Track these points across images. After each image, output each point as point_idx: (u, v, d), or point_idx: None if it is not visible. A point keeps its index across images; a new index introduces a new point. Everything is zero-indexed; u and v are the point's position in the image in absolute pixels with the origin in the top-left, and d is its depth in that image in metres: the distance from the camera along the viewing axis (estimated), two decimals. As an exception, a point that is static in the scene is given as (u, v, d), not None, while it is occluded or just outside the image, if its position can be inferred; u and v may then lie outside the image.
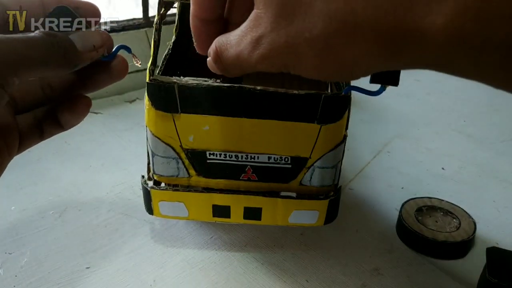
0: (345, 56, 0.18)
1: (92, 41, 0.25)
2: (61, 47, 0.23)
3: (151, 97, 0.33)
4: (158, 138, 0.35)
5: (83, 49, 0.24)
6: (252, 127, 0.34)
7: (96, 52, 0.25)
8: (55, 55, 0.23)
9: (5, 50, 0.20)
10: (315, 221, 0.38)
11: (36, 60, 0.22)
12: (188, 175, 0.37)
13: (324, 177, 0.36)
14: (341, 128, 0.35)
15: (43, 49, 0.22)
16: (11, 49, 0.20)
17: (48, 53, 0.22)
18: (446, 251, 0.40)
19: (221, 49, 0.23)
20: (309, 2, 0.18)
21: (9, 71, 0.20)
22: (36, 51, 0.22)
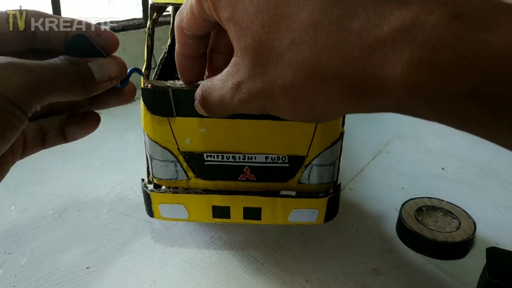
0: (314, 102, 0.20)
1: (109, 72, 0.26)
2: (82, 76, 0.24)
3: (146, 102, 0.33)
4: (155, 142, 0.35)
5: (100, 79, 0.25)
6: (248, 127, 0.34)
7: (110, 83, 0.26)
8: (75, 83, 0.24)
9: (35, 78, 0.21)
10: (315, 219, 0.38)
11: (59, 88, 0.22)
12: (187, 178, 0.37)
13: (323, 175, 0.36)
14: (337, 125, 0.35)
15: (66, 77, 0.23)
16: (40, 76, 0.21)
17: (70, 82, 0.23)
18: (446, 251, 0.40)
19: (206, 93, 0.25)
20: (280, 52, 0.19)
21: (35, 98, 0.21)
22: (61, 79, 0.22)
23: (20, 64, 0.20)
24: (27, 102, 0.20)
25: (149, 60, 0.35)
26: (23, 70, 0.20)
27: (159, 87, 0.32)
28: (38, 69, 0.21)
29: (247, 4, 0.20)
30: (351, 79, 0.18)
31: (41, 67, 0.21)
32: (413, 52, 0.16)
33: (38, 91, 0.21)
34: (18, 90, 0.20)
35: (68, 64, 0.23)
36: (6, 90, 0.19)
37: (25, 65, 0.21)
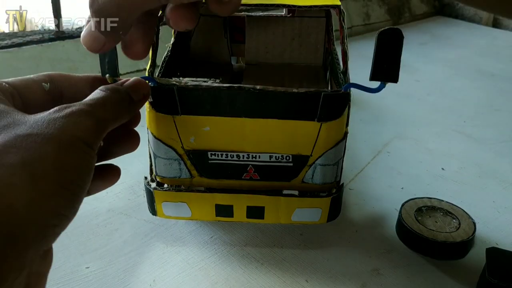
0: None
1: (142, 91, 0.28)
2: (125, 100, 0.26)
3: (151, 99, 0.33)
4: (159, 140, 0.35)
5: (137, 99, 0.27)
6: (252, 126, 0.34)
7: (144, 100, 0.28)
8: (122, 111, 0.26)
9: (95, 119, 0.23)
10: (318, 219, 0.38)
11: (112, 120, 0.25)
12: (191, 176, 0.37)
13: (326, 175, 0.36)
14: (341, 125, 0.35)
15: (114, 108, 0.25)
16: (98, 116, 0.23)
17: (118, 111, 0.25)
18: (446, 252, 0.40)
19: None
20: None
21: (99, 136, 0.23)
22: (111, 112, 0.25)
23: (80, 109, 0.23)
24: (94, 139, 0.23)
25: (154, 58, 0.35)
26: (85, 114, 0.23)
27: (164, 85, 0.32)
28: (93, 110, 0.23)
29: None
30: None
31: (93, 107, 0.23)
32: None
33: (99, 129, 0.23)
34: (86, 131, 0.22)
35: (112, 94, 0.25)
36: (77, 133, 0.22)
37: (83, 109, 0.23)
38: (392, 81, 0.30)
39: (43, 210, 0.19)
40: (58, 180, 0.20)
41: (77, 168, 0.22)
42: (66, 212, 0.21)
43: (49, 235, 0.20)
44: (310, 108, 0.33)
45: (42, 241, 0.20)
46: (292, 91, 0.32)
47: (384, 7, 1.26)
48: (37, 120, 0.21)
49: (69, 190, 0.21)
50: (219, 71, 0.48)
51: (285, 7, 0.42)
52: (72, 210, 0.21)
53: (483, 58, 1.02)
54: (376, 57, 0.29)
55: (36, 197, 0.19)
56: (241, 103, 0.33)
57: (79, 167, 0.22)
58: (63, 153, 0.21)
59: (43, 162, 0.20)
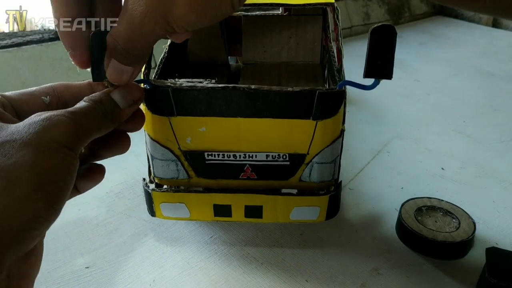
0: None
1: (133, 97, 0.28)
2: (108, 112, 0.26)
3: (146, 101, 0.33)
4: (156, 141, 0.35)
5: (125, 106, 0.27)
6: (248, 126, 0.34)
7: (135, 106, 0.28)
8: (105, 121, 0.26)
9: (76, 126, 0.23)
10: (316, 217, 0.38)
11: (94, 130, 0.25)
12: (188, 177, 0.37)
13: (323, 173, 0.36)
14: (337, 123, 0.35)
15: (97, 119, 0.25)
16: (79, 124, 0.24)
17: (100, 122, 0.25)
18: (446, 251, 0.40)
19: (115, 34, 0.25)
20: None
21: (80, 141, 0.24)
22: (93, 122, 0.25)
23: (60, 115, 0.23)
24: (75, 144, 0.23)
25: (149, 60, 0.35)
26: (65, 119, 0.23)
27: (159, 86, 0.32)
28: (74, 117, 0.24)
29: None
30: None
31: (75, 114, 0.24)
32: None
33: (81, 135, 0.23)
34: (67, 135, 0.22)
35: (95, 105, 0.25)
36: (57, 137, 0.22)
37: (64, 115, 0.23)
38: (386, 77, 0.30)
39: (19, 214, 0.20)
40: (34, 184, 0.20)
41: (56, 171, 0.21)
42: (45, 215, 0.21)
43: (26, 238, 0.20)
44: (305, 106, 0.33)
45: (20, 245, 0.20)
46: (287, 90, 0.32)
47: (384, 7, 1.26)
48: (18, 126, 0.22)
49: (47, 193, 0.21)
50: (217, 71, 0.48)
51: (281, 6, 0.42)
52: (52, 212, 0.21)
53: (483, 58, 1.02)
54: (369, 54, 0.29)
55: (10, 202, 0.19)
56: (236, 103, 0.33)
57: (58, 170, 0.22)
58: (41, 156, 0.21)
59: (19, 167, 0.20)
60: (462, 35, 1.20)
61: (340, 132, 0.36)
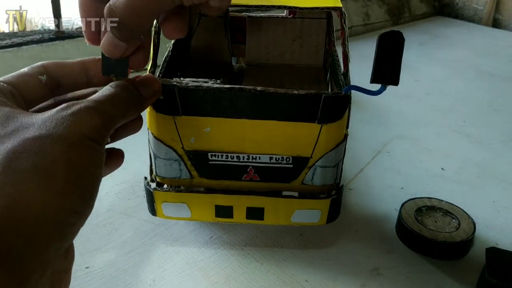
0: None
1: (153, 88, 0.27)
2: (134, 99, 0.26)
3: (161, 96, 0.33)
4: (160, 140, 0.35)
5: (147, 96, 0.27)
6: (253, 127, 0.34)
7: (154, 97, 0.28)
8: (130, 108, 0.25)
9: (103, 117, 0.23)
10: (317, 220, 0.38)
11: (120, 117, 0.24)
12: (191, 177, 0.37)
13: (326, 176, 0.36)
14: (342, 127, 0.35)
15: (123, 105, 0.25)
16: (106, 114, 0.23)
17: (126, 108, 0.25)
18: (446, 252, 0.40)
19: (113, 3, 0.24)
20: None
21: (106, 133, 0.23)
22: (119, 109, 0.24)
23: (87, 106, 0.23)
24: (102, 137, 0.23)
25: (154, 58, 0.35)
26: (92, 111, 0.23)
27: (165, 85, 0.32)
28: (101, 106, 0.23)
29: None
30: None
31: (102, 103, 0.23)
32: None
33: (107, 125, 0.23)
34: (94, 129, 0.22)
35: (121, 91, 0.25)
36: (85, 131, 0.22)
37: (91, 106, 0.23)
38: (392, 83, 0.30)
39: (58, 209, 0.20)
40: (69, 180, 0.21)
41: (87, 165, 0.22)
42: (80, 209, 0.21)
43: (67, 233, 0.21)
44: (310, 110, 0.33)
45: (61, 239, 0.20)
46: (293, 92, 0.32)
47: (384, 7, 1.26)
48: (45, 120, 0.22)
49: (81, 188, 0.21)
50: (220, 71, 0.48)
51: (286, 8, 0.42)
52: (86, 206, 0.22)
53: (483, 58, 1.02)
54: (376, 60, 0.29)
55: (49, 197, 0.20)
56: (241, 104, 0.33)
57: (89, 164, 0.22)
58: (72, 153, 0.21)
59: (54, 164, 0.20)
60: (462, 35, 1.20)
61: (344, 136, 0.36)
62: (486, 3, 1.32)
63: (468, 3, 1.37)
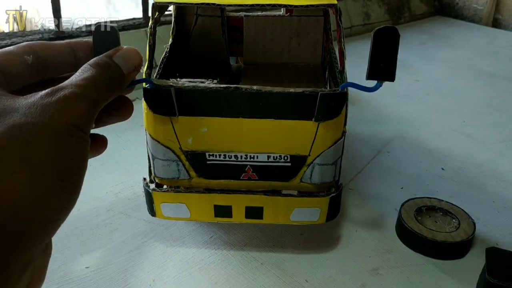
0: None
1: (134, 62, 0.26)
2: (116, 78, 0.25)
3: (148, 101, 0.33)
4: (157, 141, 0.35)
5: (127, 71, 0.26)
6: (250, 127, 0.34)
7: (136, 72, 0.27)
8: (114, 88, 0.25)
9: (88, 102, 0.22)
10: (317, 219, 0.38)
11: (104, 99, 0.24)
12: (189, 177, 0.37)
13: (325, 174, 0.36)
14: (339, 124, 0.35)
15: (106, 86, 0.24)
16: (91, 98, 0.22)
17: (109, 89, 0.24)
18: (446, 251, 0.40)
19: None
20: None
21: (91, 119, 0.22)
22: (103, 91, 0.24)
23: (73, 92, 0.22)
24: (88, 124, 0.22)
25: (151, 59, 0.35)
26: (78, 98, 0.22)
27: (161, 86, 0.32)
28: (85, 91, 0.22)
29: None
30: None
31: (86, 88, 0.22)
32: None
33: (92, 111, 0.22)
34: (80, 117, 0.21)
35: (102, 71, 0.24)
36: (72, 120, 0.21)
37: (76, 92, 0.22)
38: (388, 79, 0.30)
39: (46, 207, 0.19)
40: (58, 174, 0.20)
41: (75, 157, 0.21)
42: (67, 205, 0.21)
43: (51, 229, 0.20)
44: (307, 108, 0.33)
45: (45, 236, 0.20)
46: (289, 91, 0.32)
47: (384, 7, 1.26)
48: (30, 106, 0.21)
49: (69, 182, 0.21)
50: (218, 71, 0.48)
51: (283, 6, 0.42)
52: (73, 202, 0.21)
53: (483, 58, 1.02)
54: (372, 56, 0.29)
55: (38, 194, 0.19)
56: (238, 104, 0.33)
57: (77, 156, 0.21)
58: (60, 143, 0.20)
59: (42, 156, 0.19)
60: (462, 35, 1.20)
61: (342, 133, 0.36)
62: (486, 3, 1.32)
63: (468, 3, 1.37)
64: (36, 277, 0.21)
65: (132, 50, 0.27)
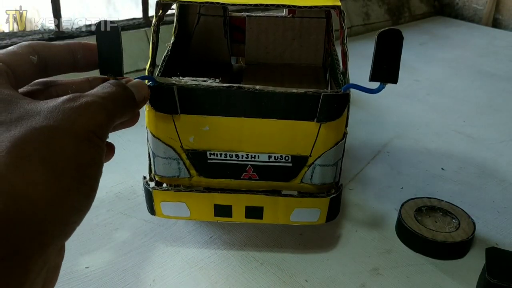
0: None
1: (143, 94, 0.27)
2: (131, 99, 0.26)
3: (150, 99, 0.33)
4: (158, 139, 0.35)
5: (138, 100, 0.27)
6: (251, 126, 0.34)
7: (144, 103, 0.28)
8: (128, 108, 0.26)
9: (106, 113, 0.23)
10: (316, 219, 0.38)
11: (119, 115, 0.24)
12: (189, 176, 0.37)
13: (325, 175, 0.36)
14: (341, 126, 0.35)
15: (123, 104, 0.25)
16: (108, 110, 0.23)
17: (124, 107, 0.25)
18: (445, 251, 0.40)
19: None
20: None
21: (108, 129, 0.23)
22: (119, 107, 0.24)
23: (95, 101, 0.23)
24: (105, 134, 0.23)
25: (153, 57, 0.35)
26: (99, 107, 0.23)
27: (163, 84, 0.32)
28: (105, 103, 0.23)
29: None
30: None
31: (106, 100, 0.23)
32: None
33: (110, 123, 0.23)
34: (100, 125, 0.22)
35: (121, 90, 0.25)
36: (92, 127, 0.22)
37: (97, 102, 0.23)
38: (391, 81, 0.30)
39: (65, 206, 0.20)
40: (77, 176, 0.20)
41: (93, 162, 0.22)
42: (84, 207, 0.21)
43: (68, 231, 0.20)
44: (309, 108, 0.33)
45: (62, 237, 0.20)
46: (292, 91, 0.32)
47: (384, 7, 1.26)
48: (51, 110, 0.21)
49: (87, 185, 0.21)
50: (219, 70, 0.48)
51: (286, 7, 0.42)
52: (89, 204, 0.22)
53: (483, 58, 1.02)
54: (375, 58, 0.29)
55: (58, 193, 0.19)
56: (240, 103, 0.33)
57: (94, 161, 0.22)
58: (81, 147, 0.21)
59: (62, 157, 0.20)
60: (462, 35, 1.20)
61: (343, 135, 0.36)
62: (486, 3, 1.32)
63: (468, 3, 1.37)
64: (50, 277, 0.22)
65: (141, 82, 0.28)
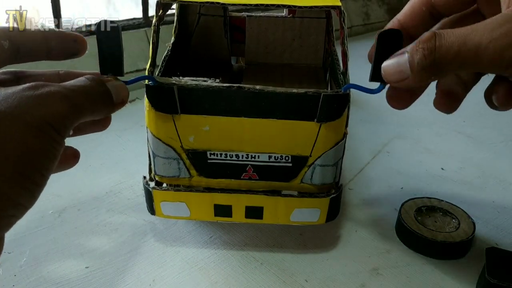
0: None
1: (122, 95, 0.27)
2: (107, 97, 0.25)
3: (150, 99, 0.33)
4: (158, 139, 0.35)
5: (116, 101, 0.26)
6: (252, 126, 0.34)
7: (122, 105, 0.27)
8: (101, 106, 0.25)
9: (71, 105, 0.22)
10: (316, 219, 0.38)
11: (89, 111, 0.23)
12: (190, 175, 0.37)
13: (325, 175, 0.36)
14: (341, 126, 0.35)
15: (96, 100, 0.24)
16: (75, 103, 0.22)
17: (97, 104, 0.24)
18: (445, 251, 0.40)
19: (450, 42, 0.23)
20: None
21: (70, 123, 0.22)
22: (91, 102, 0.23)
23: (58, 91, 0.21)
24: (65, 127, 0.21)
25: (153, 57, 0.35)
26: (61, 98, 0.21)
27: (164, 84, 0.32)
28: (72, 95, 0.22)
29: None
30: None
31: (74, 92, 0.22)
32: None
33: (73, 117, 0.22)
34: (58, 117, 0.21)
35: (96, 86, 0.24)
36: (48, 117, 0.20)
37: (62, 92, 0.21)
38: None
39: (2, 200, 0.19)
40: (19, 167, 0.19)
41: (41, 155, 0.20)
42: (24, 202, 0.20)
43: (3, 225, 0.20)
44: (309, 108, 0.33)
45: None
46: (292, 91, 0.32)
47: (384, 7, 1.26)
48: (8, 96, 0.20)
49: (30, 179, 0.20)
50: (219, 70, 0.48)
51: (286, 7, 0.42)
52: (32, 200, 0.21)
53: (483, 58, 1.02)
54: (375, 58, 0.29)
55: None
56: (240, 103, 0.33)
57: (44, 154, 0.20)
58: (29, 138, 0.20)
59: (7, 145, 0.19)
60: (462, 35, 1.20)
61: (343, 135, 0.36)
62: (486, 3, 1.32)
63: (468, 3, 1.37)
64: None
65: (123, 84, 0.27)
